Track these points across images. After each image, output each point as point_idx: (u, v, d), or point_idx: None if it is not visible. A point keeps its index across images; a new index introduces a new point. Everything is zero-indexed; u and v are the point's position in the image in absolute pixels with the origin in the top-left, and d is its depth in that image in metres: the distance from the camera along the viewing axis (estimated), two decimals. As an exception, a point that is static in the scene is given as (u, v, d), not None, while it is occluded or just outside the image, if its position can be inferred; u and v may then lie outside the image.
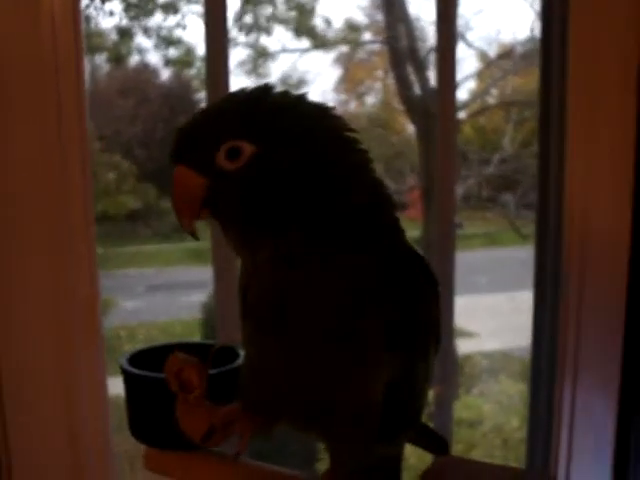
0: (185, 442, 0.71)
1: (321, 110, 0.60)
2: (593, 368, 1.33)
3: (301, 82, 3.80)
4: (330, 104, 0.62)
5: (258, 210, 0.56)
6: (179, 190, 0.58)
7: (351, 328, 0.57)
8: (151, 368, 0.73)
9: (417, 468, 1.13)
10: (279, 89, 0.60)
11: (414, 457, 1.91)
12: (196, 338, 4.07)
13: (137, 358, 0.77)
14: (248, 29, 3.54)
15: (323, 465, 2.41)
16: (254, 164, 0.56)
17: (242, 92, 0.60)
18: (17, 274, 1.18)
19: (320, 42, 3.83)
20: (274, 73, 3.77)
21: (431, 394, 1.60)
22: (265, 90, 0.60)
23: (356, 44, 4.11)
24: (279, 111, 0.57)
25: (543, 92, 1.44)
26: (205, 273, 1.33)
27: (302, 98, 0.60)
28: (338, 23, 3.91)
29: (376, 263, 0.58)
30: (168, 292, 5.81)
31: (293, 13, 3.67)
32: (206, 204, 0.58)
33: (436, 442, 0.81)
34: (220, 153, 0.56)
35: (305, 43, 3.77)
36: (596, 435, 1.34)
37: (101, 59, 4.04)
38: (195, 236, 0.61)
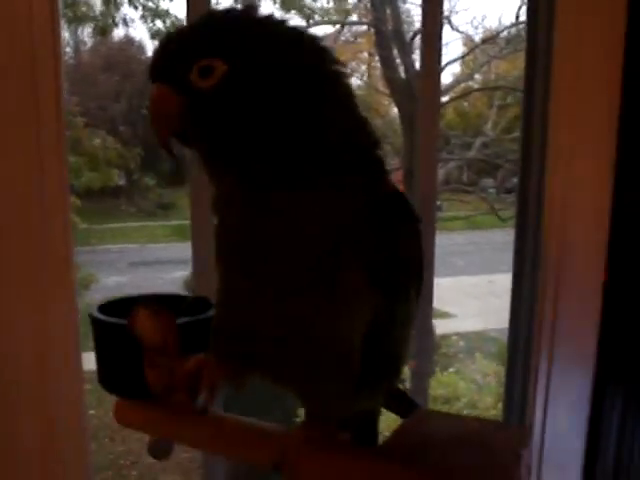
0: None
1: (304, 37, 0.57)
2: (570, 348, 1.37)
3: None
4: (318, 35, 0.58)
5: (228, 132, 0.55)
6: (156, 106, 0.57)
7: (327, 263, 0.55)
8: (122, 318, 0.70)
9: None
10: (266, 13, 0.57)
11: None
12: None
13: (107, 308, 0.73)
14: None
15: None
16: (226, 83, 0.54)
17: (222, 10, 0.58)
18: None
19: (306, 21, 3.80)
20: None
21: (406, 370, 1.61)
22: (246, 10, 0.57)
23: (342, 24, 4.09)
24: (256, 31, 0.55)
25: (528, 78, 1.46)
26: (187, 250, 1.33)
27: (285, 23, 0.57)
28: (323, 2, 3.88)
29: (353, 198, 0.56)
30: (151, 268, 5.81)
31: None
32: (180, 125, 0.56)
33: (409, 407, 0.77)
34: (193, 71, 0.54)
35: (291, 21, 3.75)
36: (572, 410, 1.38)
37: (85, 33, 3.98)
38: (171, 153, 0.59)
